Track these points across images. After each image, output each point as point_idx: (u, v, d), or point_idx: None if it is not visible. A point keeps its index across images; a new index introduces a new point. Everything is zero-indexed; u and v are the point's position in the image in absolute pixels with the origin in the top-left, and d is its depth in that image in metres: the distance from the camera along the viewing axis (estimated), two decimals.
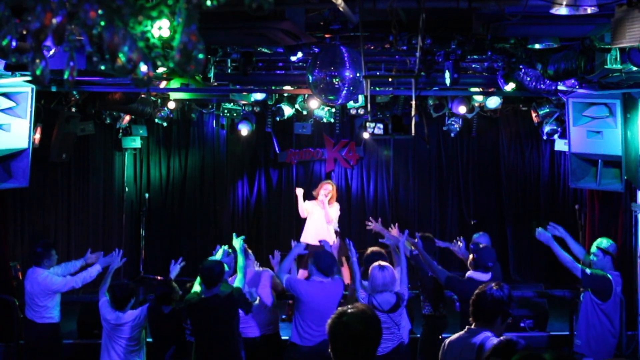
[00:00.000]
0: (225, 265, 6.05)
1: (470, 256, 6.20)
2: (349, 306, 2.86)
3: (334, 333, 2.75)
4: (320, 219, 9.24)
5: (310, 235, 9.22)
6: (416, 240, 6.65)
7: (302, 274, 7.39)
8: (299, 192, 9.49)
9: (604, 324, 6.32)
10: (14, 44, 1.84)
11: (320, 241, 6.73)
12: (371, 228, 7.23)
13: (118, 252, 6.72)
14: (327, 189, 9.24)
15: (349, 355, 2.72)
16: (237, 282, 5.92)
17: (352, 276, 6.10)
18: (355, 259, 6.11)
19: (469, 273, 6.05)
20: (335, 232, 9.36)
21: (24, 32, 1.80)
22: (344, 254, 8.76)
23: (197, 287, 5.88)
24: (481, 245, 6.29)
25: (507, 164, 11.49)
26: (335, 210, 9.39)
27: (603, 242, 6.50)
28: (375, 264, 5.91)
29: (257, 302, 6.15)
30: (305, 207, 9.44)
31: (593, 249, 6.49)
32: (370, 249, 6.54)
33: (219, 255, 6.25)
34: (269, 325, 6.50)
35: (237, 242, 6.25)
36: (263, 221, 11.96)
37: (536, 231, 6.41)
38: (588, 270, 6.29)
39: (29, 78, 6.34)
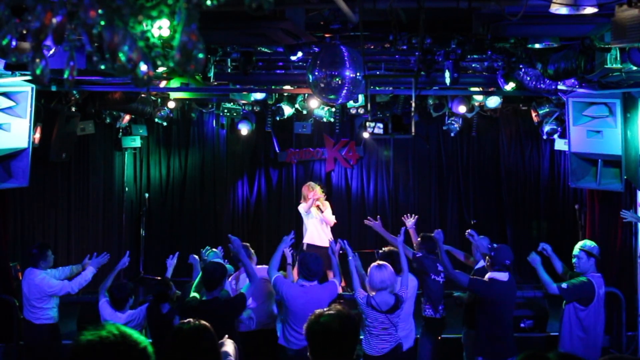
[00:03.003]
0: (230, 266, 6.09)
1: (487, 257, 6.19)
2: (326, 308, 2.90)
3: (312, 334, 2.78)
4: (317, 220, 9.30)
5: (313, 236, 9.26)
6: (429, 249, 6.64)
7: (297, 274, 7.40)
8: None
9: (588, 332, 6.24)
10: (14, 43, 1.84)
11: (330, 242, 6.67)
12: (370, 224, 7.22)
13: (126, 254, 6.79)
14: (315, 195, 9.23)
15: (327, 355, 2.73)
16: (244, 288, 5.90)
17: (350, 276, 6.09)
18: (352, 259, 6.10)
19: (489, 274, 6.03)
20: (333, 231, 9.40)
21: (24, 32, 1.80)
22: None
23: (194, 293, 5.81)
24: (496, 245, 6.28)
25: (507, 163, 11.48)
26: (329, 212, 9.42)
27: (587, 243, 6.39)
28: (374, 263, 5.91)
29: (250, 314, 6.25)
30: (303, 210, 9.46)
31: (576, 250, 6.36)
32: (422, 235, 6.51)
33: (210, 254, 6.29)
34: (267, 319, 6.53)
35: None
36: (263, 221, 11.96)
37: (530, 255, 6.35)
38: (564, 284, 6.16)
39: (29, 77, 6.35)
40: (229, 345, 4.99)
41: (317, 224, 9.34)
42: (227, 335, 5.29)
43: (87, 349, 2.02)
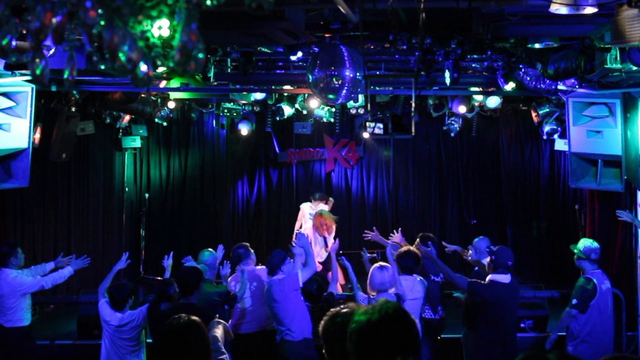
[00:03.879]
0: (204, 265, 6.18)
1: (488, 259, 6.16)
2: (342, 307, 2.89)
3: (327, 334, 2.77)
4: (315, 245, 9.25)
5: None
6: (428, 247, 6.60)
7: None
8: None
9: (593, 329, 6.25)
10: (14, 43, 1.83)
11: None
12: (369, 238, 7.26)
13: (124, 254, 6.72)
14: (325, 226, 9.13)
15: (343, 355, 2.74)
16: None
17: (350, 281, 6.13)
18: (350, 270, 6.16)
19: (490, 276, 6.01)
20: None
21: (24, 32, 1.80)
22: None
23: None
24: (495, 248, 6.26)
25: (507, 163, 11.48)
26: (332, 236, 9.36)
27: (579, 246, 6.39)
28: (376, 264, 5.91)
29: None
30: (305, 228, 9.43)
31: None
32: (403, 249, 6.53)
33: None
34: (267, 320, 6.53)
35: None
36: (263, 221, 11.96)
37: None
38: (574, 300, 6.19)
39: (28, 77, 6.34)
40: (218, 328, 4.98)
41: (314, 242, 9.29)
42: (217, 315, 5.28)
43: (369, 327, 2.24)
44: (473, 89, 8.91)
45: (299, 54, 6.59)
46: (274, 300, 5.95)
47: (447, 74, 6.83)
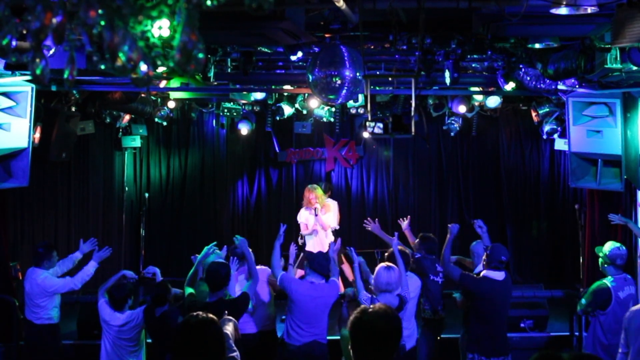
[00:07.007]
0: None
1: (484, 256, 6.19)
2: (370, 305, 2.91)
3: (355, 331, 2.79)
4: (317, 226, 9.24)
5: (309, 245, 9.19)
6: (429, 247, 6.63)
7: (299, 273, 7.40)
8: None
9: (597, 336, 6.22)
10: (14, 43, 1.84)
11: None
12: (369, 229, 7.26)
13: (132, 274, 6.83)
14: (312, 199, 9.15)
15: (370, 353, 2.75)
16: (245, 287, 5.92)
17: (354, 279, 6.09)
18: (357, 265, 6.10)
19: (484, 272, 6.03)
20: (334, 231, 9.36)
21: (24, 32, 1.80)
22: (343, 252, 8.81)
23: (188, 289, 5.83)
24: (490, 245, 6.28)
25: (507, 163, 11.48)
26: (330, 215, 9.34)
27: (604, 248, 6.30)
28: (383, 264, 5.91)
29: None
30: (302, 215, 9.43)
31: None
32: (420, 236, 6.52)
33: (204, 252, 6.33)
34: (266, 321, 6.54)
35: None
36: (263, 221, 11.95)
37: None
38: (583, 300, 6.28)
39: (29, 77, 6.35)
40: (229, 325, 5.00)
41: (318, 232, 9.28)
42: (226, 312, 5.28)
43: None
44: (473, 89, 8.90)
45: (299, 54, 6.60)
46: (323, 304, 5.95)
47: (447, 74, 6.83)
